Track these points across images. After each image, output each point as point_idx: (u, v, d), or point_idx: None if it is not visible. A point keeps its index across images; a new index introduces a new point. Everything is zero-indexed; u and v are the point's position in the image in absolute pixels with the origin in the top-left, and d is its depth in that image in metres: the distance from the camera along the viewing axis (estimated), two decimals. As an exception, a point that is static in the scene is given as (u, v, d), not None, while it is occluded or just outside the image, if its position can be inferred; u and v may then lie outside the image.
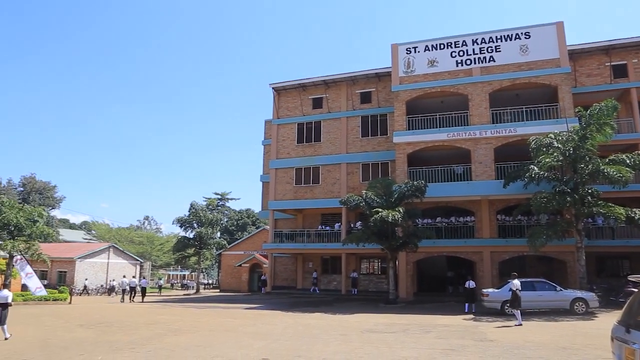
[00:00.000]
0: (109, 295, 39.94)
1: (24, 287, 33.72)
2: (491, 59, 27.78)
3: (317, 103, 34.69)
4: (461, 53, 28.45)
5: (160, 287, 47.63)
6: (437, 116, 28.34)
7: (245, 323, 16.82)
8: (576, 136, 21.30)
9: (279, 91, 35.79)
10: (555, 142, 21.43)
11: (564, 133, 22.02)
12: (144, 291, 33.09)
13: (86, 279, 43.57)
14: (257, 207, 50.57)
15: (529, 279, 20.12)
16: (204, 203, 50.84)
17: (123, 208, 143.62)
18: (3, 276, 31.08)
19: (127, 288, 32.78)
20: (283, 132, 35.25)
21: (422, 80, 28.88)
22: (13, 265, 30.56)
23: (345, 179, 32.22)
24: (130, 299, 31.97)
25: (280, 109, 35.71)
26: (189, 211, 45.31)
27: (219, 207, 75.87)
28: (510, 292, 16.68)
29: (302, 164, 33.88)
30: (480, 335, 13.41)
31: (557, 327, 15.16)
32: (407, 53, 29.56)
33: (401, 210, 23.14)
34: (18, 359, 10.12)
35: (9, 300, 13.41)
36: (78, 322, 17.00)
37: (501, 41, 27.87)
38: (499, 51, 27.74)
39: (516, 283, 16.52)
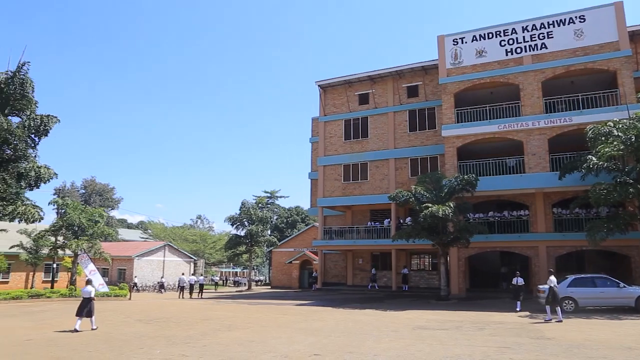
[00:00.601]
0: (159, 292, 41.37)
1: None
2: (543, 46, 26.70)
3: (364, 99, 34.54)
4: (511, 41, 27.50)
5: (216, 284, 49.02)
6: (487, 108, 27.58)
7: (297, 319, 17.02)
8: (639, 123, 20.15)
9: (325, 88, 35.90)
10: (615, 131, 20.34)
11: (625, 120, 20.85)
12: (201, 288, 34.24)
13: (135, 276, 45.20)
14: (306, 205, 50.94)
15: (589, 275, 19.34)
16: (254, 201, 51.81)
17: (177, 208, 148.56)
18: (70, 273, 33.01)
19: (186, 285, 34.10)
20: (330, 129, 35.36)
21: (470, 72, 28.17)
22: (78, 263, 32.35)
23: (393, 174, 31.96)
24: (188, 295, 33.08)
25: (327, 106, 35.81)
26: (239, 209, 46.30)
27: (269, 205, 77.03)
28: (548, 288, 16.28)
29: (350, 161, 33.88)
30: (537, 333, 12.98)
31: (621, 326, 14.44)
32: (454, 44, 28.91)
33: (452, 205, 22.76)
34: (84, 350, 10.68)
35: (92, 295, 14.74)
36: (137, 318, 17.73)
37: (553, 27, 26.71)
38: (552, 37, 26.60)
39: (553, 279, 16.21)
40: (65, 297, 28.70)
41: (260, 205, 53.69)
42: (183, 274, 39.03)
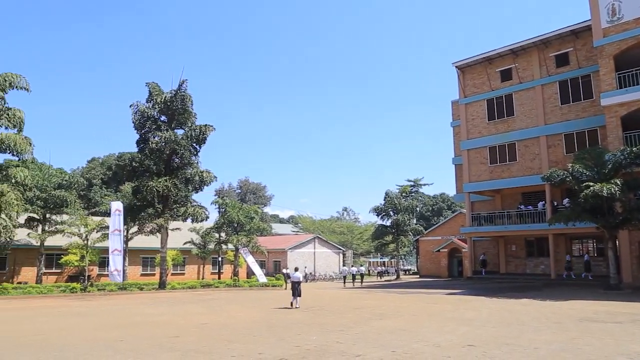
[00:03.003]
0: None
1: (249, 274, 39.06)
2: None
3: (506, 75, 32.39)
4: (687, -16, 23.43)
5: (381, 274, 50.17)
6: (658, 67, 23.95)
7: (447, 308, 16.66)
8: None
9: (463, 69, 34.40)
10: None
11: None
12: (362, 277, 36.57)
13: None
14: (451, 191, 49.50)
15: None
16: (398, 191, 51.59)
17: (322, 201, 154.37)
18: (233, 265, 36.48)
19: (347, 274, 37.37)
20: (472, 110, 33.83)
21: (633, 27, 24.64)
22: (239, 256, 35.66)
23: (545, 153, 29.49)
24: (351, 284, 34.97)
25: (467, 87, 34.29)
26: (384, 200, 46.60)
27: (413, 194, 76.21)
28: None
29: (495, 142, 32.13)
30: None
31: None
32: (610, -1, 25.58)
33: (618, 182, 20.31)
34: (249, 335, 11.71)
35: (301, 279, 18.10)
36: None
37: None
38: None
39: None
40: (230, 287, 31.71)
41: (404, 194, 53.26)
42: (344, 265, 41.40)
